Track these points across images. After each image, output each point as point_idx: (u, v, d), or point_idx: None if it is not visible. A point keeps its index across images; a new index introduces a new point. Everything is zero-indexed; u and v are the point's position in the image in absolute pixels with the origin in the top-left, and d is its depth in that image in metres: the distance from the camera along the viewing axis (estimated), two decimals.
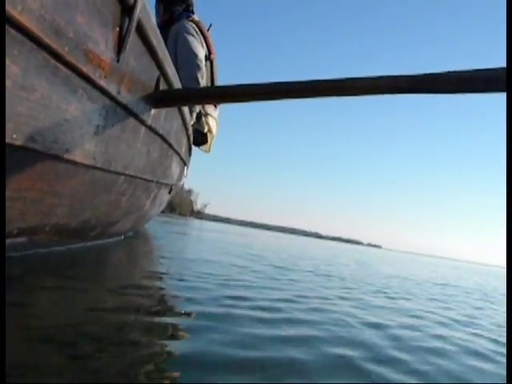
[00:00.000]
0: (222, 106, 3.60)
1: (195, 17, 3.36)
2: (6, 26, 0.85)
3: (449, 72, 1.44)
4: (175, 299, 1.40)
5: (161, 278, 1.76)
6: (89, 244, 2.14)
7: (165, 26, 3.27)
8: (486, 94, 1.39)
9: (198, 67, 3.08)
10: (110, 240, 2.59)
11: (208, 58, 3.30)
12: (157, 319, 1.10)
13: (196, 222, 17.37)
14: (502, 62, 1.30)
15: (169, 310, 1.24)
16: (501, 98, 1.28)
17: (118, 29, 1.29)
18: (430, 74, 1.46)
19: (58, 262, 1.65)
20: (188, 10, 3.40)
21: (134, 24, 1.34)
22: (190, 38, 3.14)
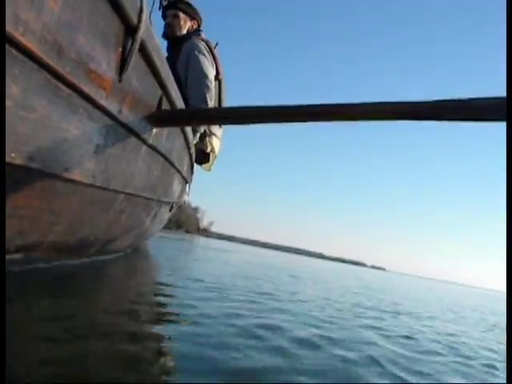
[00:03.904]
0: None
1: (203, 35, 3.40)
2: (8, 47, 0.86)
3: (449, 100, 1.45)
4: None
5: (154, 299, 1.75)
6: (87, 260, 2.13)
7: (175, 42, 3.31)
8: (486, 122, 1.41)
9: (208, 88, 3.09)
10: (109, 257, 2.59)
11: (216, 77, 3.32)
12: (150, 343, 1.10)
13: (202, 240, 17.32)
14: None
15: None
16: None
17: (120, 49, 1.30)
18: (431, 102, 1.48)
19: (54, 278, 1.65)
20: (198, 28, 3.44)
21: (137, 44, 1.35)
22: (202, 57, 3.16)
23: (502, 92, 1.31)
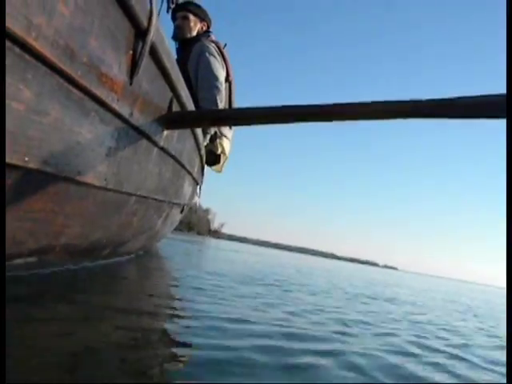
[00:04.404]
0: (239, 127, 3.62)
1: (213, 36, 3.41)
2: (21, 51, 0.87)
3: (450, 98, 1.47)
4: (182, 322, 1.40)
5: (171, 301, 1.76)
6: (100, 263, 2.14)
7: (185, 44, 3.32)
8: (486, 119, 1.42)
9: (218, 90, 3.11)
10: (121, 259, 2.60)
11: (226, 79, 3.33)
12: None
13: (213, 242, 17.39)
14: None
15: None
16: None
17: (131, 52, 1.31)
18: (432, 100, 1.50)
19: (68, 280, 1.66)
20: (208, 29, 3.46)
21: (148, 47, 1.36)
22: (212, 59, 3.17)
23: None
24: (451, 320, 2.99)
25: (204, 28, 3.43)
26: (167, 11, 3.56)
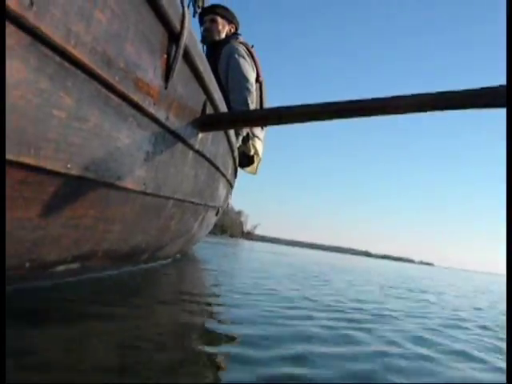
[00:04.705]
0: (270, 127, 3.61)
1: (241, 38, 3.41)
2: (60, 59, 0.88)
3: (456, 91, 1.54)
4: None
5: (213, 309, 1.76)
6: (138, 268, 2.16)
7: (214, 47, 3.34)
8: (489, 109, 1.50)
9: (249, 91, 3.11)
10: (160, 263, 2.62)
11: (257, 80, 3.33)
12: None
13: (247, 244, 17.48)
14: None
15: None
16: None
17: (165, 56, 1.32)
18: (435, 93, 1.55)
19: (111, 285, 1.68)
20: (236, 31, 3.47)
21: (181, 51, 1.36)
22: (242, 60, 3.18)
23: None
24: None
25: (232, 30, 3.44)
26: (193, 16, 3.59)
